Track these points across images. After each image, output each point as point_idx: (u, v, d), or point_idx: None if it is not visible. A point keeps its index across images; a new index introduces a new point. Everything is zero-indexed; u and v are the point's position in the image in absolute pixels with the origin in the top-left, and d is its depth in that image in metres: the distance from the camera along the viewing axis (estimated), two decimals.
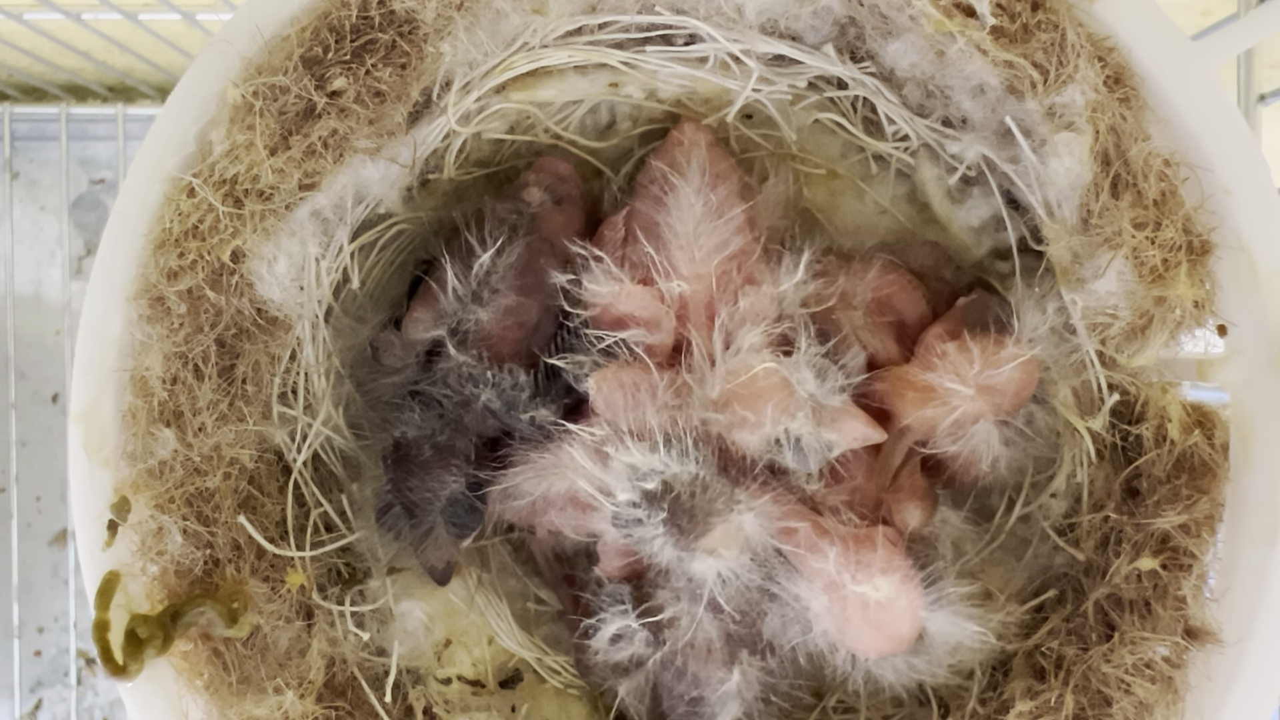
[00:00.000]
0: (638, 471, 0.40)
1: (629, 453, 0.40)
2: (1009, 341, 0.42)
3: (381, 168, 0.42)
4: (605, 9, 0.43)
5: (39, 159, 0.72)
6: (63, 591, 0.71)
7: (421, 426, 0.44)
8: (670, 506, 0.39)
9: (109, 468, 0.39)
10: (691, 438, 0.40)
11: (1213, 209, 0.39)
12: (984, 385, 0.42)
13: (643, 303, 0.43)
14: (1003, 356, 0.41)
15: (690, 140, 0.45)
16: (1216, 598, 0.39)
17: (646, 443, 0.40)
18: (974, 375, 0.42)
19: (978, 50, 0.39)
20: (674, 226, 0.43)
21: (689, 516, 0.39)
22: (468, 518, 0.44)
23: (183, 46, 0.63)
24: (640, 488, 0.40)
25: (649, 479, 0.40)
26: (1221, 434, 0.39)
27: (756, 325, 0.42)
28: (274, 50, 0.39)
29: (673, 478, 0.40)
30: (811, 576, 0.40)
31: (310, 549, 0.44)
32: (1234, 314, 0.39)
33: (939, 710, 0.44)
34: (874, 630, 0.40)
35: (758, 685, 0.43)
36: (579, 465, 0.41)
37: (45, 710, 0.71)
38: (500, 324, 0.44)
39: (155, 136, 0.39)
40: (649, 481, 0.40)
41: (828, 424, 0.41)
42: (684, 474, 0.40)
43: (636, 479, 0.40)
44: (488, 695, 0.48)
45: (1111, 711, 0.39)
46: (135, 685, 0.38)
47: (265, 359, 0.42)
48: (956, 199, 0.47)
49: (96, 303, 0.39)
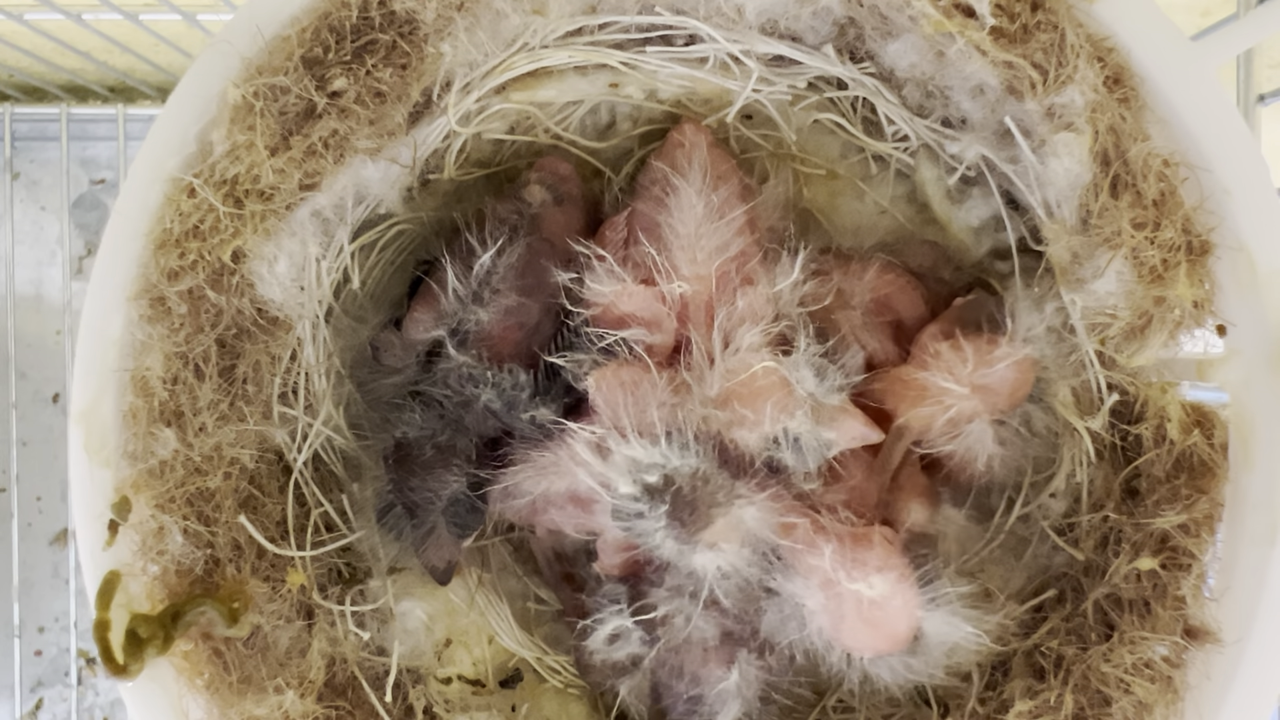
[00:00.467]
0: (639, 464, 0.40)
1: (630, 446, 0.40)
2: (1004, 341, 0.42)
3: (382, 168, 0.42)
4: (605, 9, 0.43)
5: (39, 159, 0.72)
6: (63, 591, 0.71)
7: (422, 427, 0.44)
8: (672, 499, 0.39)
9: (109, 467, 0.39)
10: (692, 431, 0.40)
11: (1212, 209, 0.39)
12: (978, 384, 0.42)
13: (644, 303, 0.43)
14: (997, 356, 0.42)
15: (691, 141, 0.45)
16: (1216, 597, 0.39)
17: (647, 437, 0.40)
18: (968, 374, 0.42)
19: (977, 50, 0.39)
20: (675, 227, 0.43)
21: (690, 509, 0.39)
22: (469, 517, 0.44)
23: (183, 47, 0.63)
24: (641, 480, 0.40)
25: (650, 472, 0.40)
26: (1221, 434, 0.39)
27: (755, 325, 0.42)
28: (274, 51, 0.39)
29: (674, 470, 0.40)
30: (807, 574, 0.40)
31: (311, 549, 0.44)
32: (1233, 314, 0.39)
33: (938, 710, 0.44)
34: (869, 628, 0.40)
35: (757, 684, 0.43)
36: (580, 458, 0.41)
37: (46, 710, 0.71)
38: (501, 324, 0.44)
39: (156, 137, 0.39)
40: (650, 474, 0.40)
41: (826, 423, 0.41)
42: (685, 467, 0.40)
43: (638, 472, 0.40)
44: (488, 695, 0.48)
45: (1111, 711, 0.39)
46: (136, 685, 0.38)
47: (266, 359, 0.42)
48: (956, 199, 0.47)
49: (97, 303, 0.39)
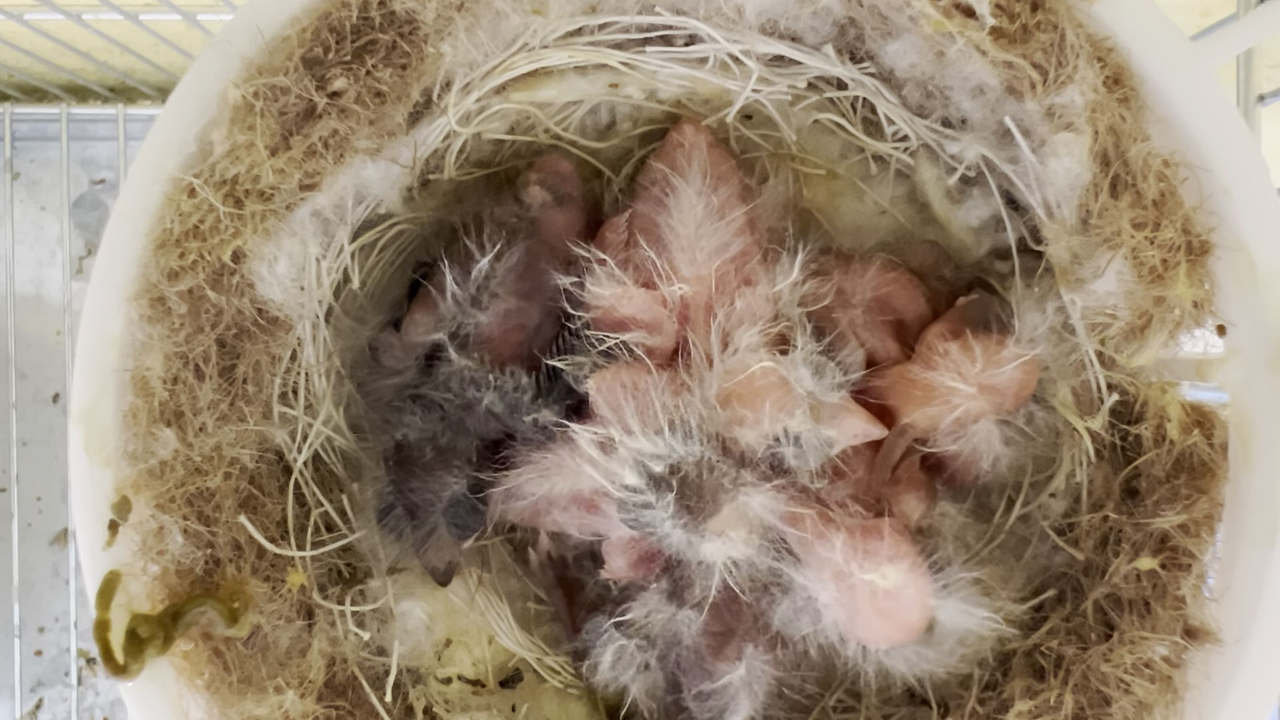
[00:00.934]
0: (644, 455, 0.40)
1: (634, 439, 0.40)
2: (1010, 341, 0.42)
3: (382, 168, 0.42)
4: (605, 9, 0.43)
5: (40, 159, 0.72)
6: (63, 591, 0.71)
7: (422, 428, 0.44)
8: (679, 486, 0.39)
9: (110, 467, 0.39)
10: (695, 423, 0.40)
11: (1212, 209, 0.39)
12: (985, 384, 0.42)
13: (644, 305, 0.43)
14: (1004, 356, 0.42)
15: (690, 142, 0.45)
16: (1215, 597, 0.39)
17: (651, 430, 0.40)
18: (976, 374, 0.42)
19: (977, 51, 0.39)
20: (675, 228, 0.43)
21: (697, 495, 0.39)
22: (470, 519, 0.44)
23: (183, 47, 0.63)
24: (647, 470, 0.40)
25: (656, 461, 0.40)
26: (1220, 434, 0.39)
27: (753, 325, 0.42)
28: (275, 51, 0.39)
29: (679, 460, 0.40)
30: (819, 566, 0.40)
31: (311, 549, 0.44)
32: (1233, 314, 0.39)
33: (938, 710, 0.44)
34: (883, 619, 0.40)
35: (767, 678, 0.43)
36: (585, 453, 0.41)
37: (46, 710, 0.71)
38: (501, 327, 0.44)
39: (156, 137, 0.39)
40: (656, 464, 0.40)
41: (827, 421, 0.41)
42: (690, 456, 0.40)
43: (643, 462, 0.40)
44: (488, 695, 0.48)
45: (1111, 711, 0.39)
46: (136, 685, 0.38)
47: (266, 359, 0.42)
48: (956, 199, 0.47)
49: (97, 303, 0.39)
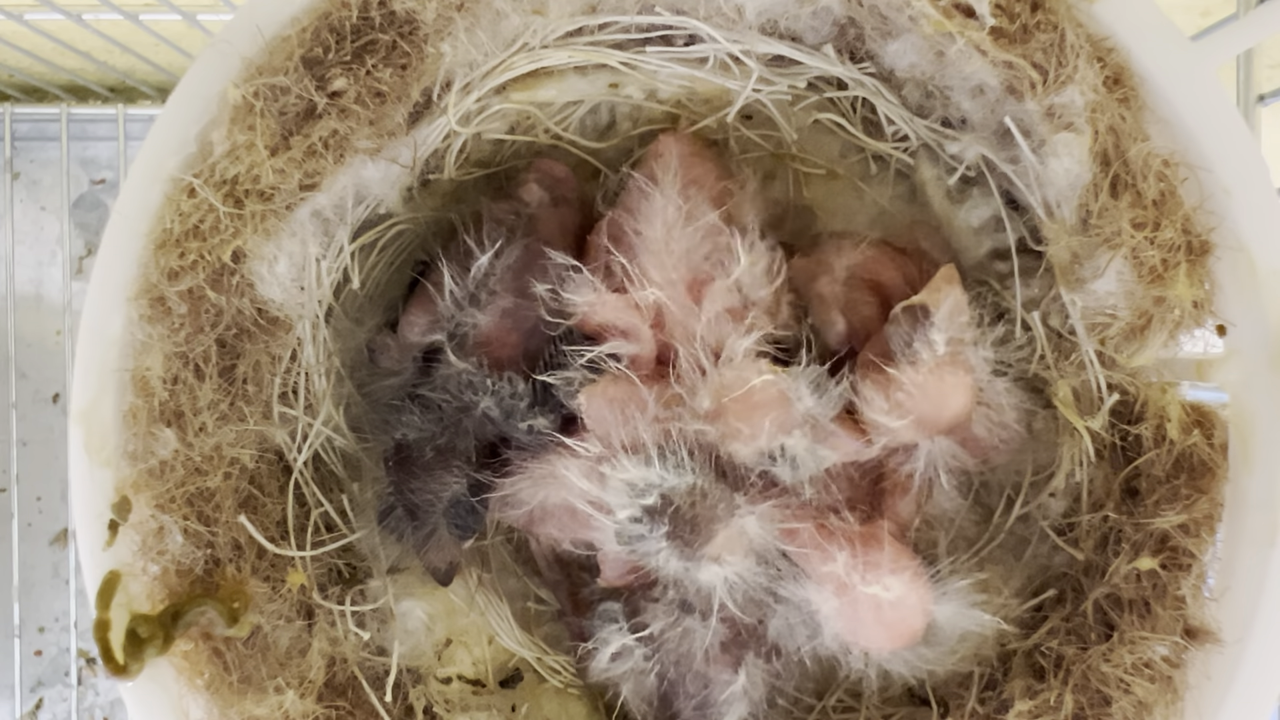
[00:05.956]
0: (635, 488, 0.40)
1: (625, 469, 0.40)
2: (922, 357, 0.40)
3: (382, 168, 0.42)
4: (605, 9, 0.43)
5: (40, 159, 0.72)
6: (63, 591, 0.71)
7: (421, 429, 0.44)
8: (671, 519, 0.39)
9: (110, 467, 0.39)
10: (686, 448, 0.40)
11: (1212, 209, 0.39)
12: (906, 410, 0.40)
13: (617, 312, 0.42)
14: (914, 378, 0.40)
15: (667, 151, 0.44)
16: (1216, 597, 0.39)
17: (641, 456, 0.40)
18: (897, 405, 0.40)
19: (977, 51, 0.39)
20: (644, 233, 0.43)
21: (691, 527, 0.39)
22: (470, 519, 0.44)
23: (183, 47, 0.63)
24: (639, 504, 0.40)
25: (647, 494, 0.39)
26: (1220, 434, 0.39)
27: (740, 327, 0.41)
28: (275, 51, 0.39)
29: (670, 490, 0.40)
30: (821, 580, 0.40)
31: (311, 549, 0.44)
32: (1233, 314, 0.39)
33: (938, 710, 0.44)
34: (886, 629, 0.40)
35: (763, 686, 0.43)
36: (574, 485, 0.41)
37: (46, 710, 0.71)
38: (498, 327, 0.44)
39: (156, 137, 0.39)
40: (647, 497, 0.39)
41: (822, 440, 0.41)
42: (681, 485, 0.40)
43: (634, 495, 0.40)
44: (488, 695, 0.48)
45: (1111, 711, 0.39)
46: (136, 685, 0.38)
47: (266, 359, 0.42)
48: (956, 199, 0.47)
49: (97, 303, 0.39)
